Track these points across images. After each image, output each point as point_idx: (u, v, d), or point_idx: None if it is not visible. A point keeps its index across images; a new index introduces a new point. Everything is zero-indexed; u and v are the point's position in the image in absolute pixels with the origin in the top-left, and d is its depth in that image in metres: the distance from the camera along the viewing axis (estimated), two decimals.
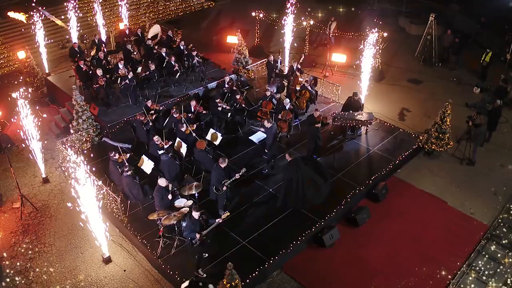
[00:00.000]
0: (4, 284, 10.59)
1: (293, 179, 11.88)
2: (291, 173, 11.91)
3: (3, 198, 13.32)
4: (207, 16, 28.73)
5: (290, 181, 11.96)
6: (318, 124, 13.94)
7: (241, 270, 10.28)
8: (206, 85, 18.03)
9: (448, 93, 18.87)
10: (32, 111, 13.61)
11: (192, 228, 10.12)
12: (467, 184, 14.04)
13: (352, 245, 11.89)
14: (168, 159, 12.54)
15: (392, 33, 24.69)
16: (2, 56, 21.64)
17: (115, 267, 11.23)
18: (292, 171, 11.89)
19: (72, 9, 19.74)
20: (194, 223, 10.14)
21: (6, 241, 11.88)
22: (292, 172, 11.89)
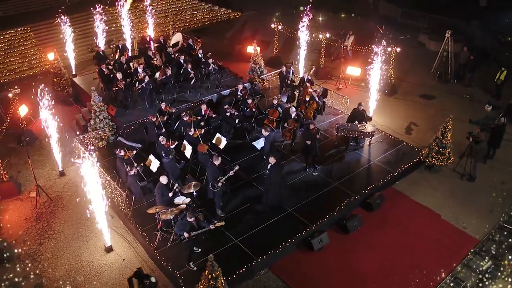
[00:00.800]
0: (14, 264, 11.63)
1: (279, 181, 12.55)
2: (278, 176, 12.58)
3: (22, 187, 14.52)
4: (232, 26, 29.80)
5: (278, 183, 12.62)
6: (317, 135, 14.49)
7: (230, 266, 11.16)
8: (220, 92, 18.92)
9: (459, 109, 19.08)
10: (55, 109, 14.80)
11: (182, 227, 10.90)
12: (464, 199, 14.27)
13: (341, 251, 12.37)
14: (169, 161, 13.41)
15: (410, 49, 25.18)
16: (35, 57, 23.29)
17: (115, 256, 12.13)
18: (279, 173, 12.57)
19: (100, 15, 21.08)
20: (186, 224, 10.91)
21: (20, 226, 13.02)
22: (279, 174, 12.57)
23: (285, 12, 30.33)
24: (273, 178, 12.61)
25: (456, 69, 21.82)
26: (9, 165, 15.55)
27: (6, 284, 11.04)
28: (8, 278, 11.21)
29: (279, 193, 12.89)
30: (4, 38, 23.88)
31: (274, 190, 12.77)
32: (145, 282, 9.96)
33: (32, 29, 24.81)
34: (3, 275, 11.32)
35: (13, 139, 16.42)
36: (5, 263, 11.63)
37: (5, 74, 22.13)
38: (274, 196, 12.83)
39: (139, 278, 10.02)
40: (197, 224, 11.11)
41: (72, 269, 11.64)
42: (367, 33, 25.86)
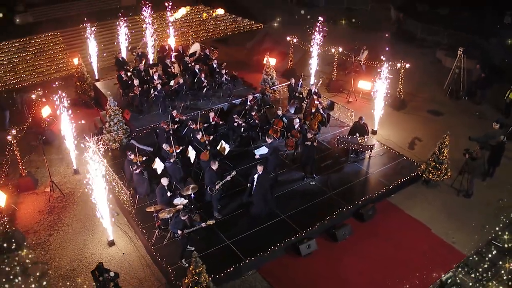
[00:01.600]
0: (25, 251, 12.85)
1: (265, 190, 13.37)
2: (264, 184, 13.38)
3: (39, 182, 15.82)
4: (253, 37, 30.83)
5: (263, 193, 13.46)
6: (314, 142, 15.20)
7: (219, 265, 12.01)
8: (232, 101, 19.86)
9: (467, 126, 19.38)
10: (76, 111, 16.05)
11: (176, 225, 11.83)
12: (457, 215, 14.64)
13: (329, 258, 12.99)
14: (171, 165, 14.39)
15: (427, 64, 25.57)
16: (62, 61, 24.96)
17: (116, 249, 13.17)
18: (265, 182, 13.36)
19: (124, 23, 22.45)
20: (179, 222, 11.85)
21: (34, 218, 14.28)
22: (265, 183, 13.37)
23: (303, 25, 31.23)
24: (258, 187, 13.38)
25: (468, 86, 22.07)
26: (29, 161, 16.92)
27: (17, 269, 12.22)
28: (19, 263, 12.40)
29: (262, 204, 13.61)
30: (35, 42, 25.67)
31: (258, 199, 13.55)
32: (105, 276, 10.85)
33: (61, 34, 26.51)
34: (14, 261, 12.52)
35: (35, 138, 17.79)
36: (17, 250, 12.82)
37: (34, 76, 23.85)
38: (258, 205, 13.61)
39: (99, 271, 10.93)
40: (189, 223, 12.02)
41: (75, 260, 12.74)
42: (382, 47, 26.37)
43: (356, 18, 33.03)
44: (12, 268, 12.25)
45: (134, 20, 27.61)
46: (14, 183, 15.49)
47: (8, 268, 12.28)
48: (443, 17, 31.03)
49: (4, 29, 26.74)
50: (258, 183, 13.35)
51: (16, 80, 23.31)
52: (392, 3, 34.24)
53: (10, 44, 25.02)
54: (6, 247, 12.77)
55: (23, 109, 19.10)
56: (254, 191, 13.57)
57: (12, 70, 23.84)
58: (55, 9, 29.46)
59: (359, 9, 34.84)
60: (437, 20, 30.04)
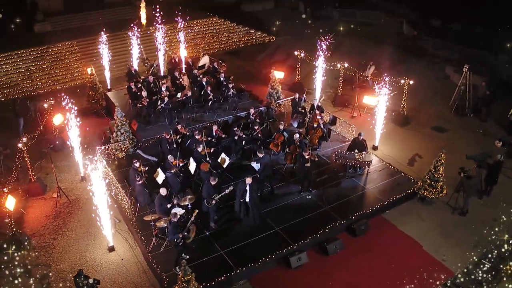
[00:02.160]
0: (29, 253, 13.74)
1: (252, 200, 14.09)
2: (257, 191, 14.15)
3: (47, 188, 16.77)
4: (265, 49, 31.58)
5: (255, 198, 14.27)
6: (307, 163, 15.74)
7: (212, 273, 12.66)
8: (237, 114, 20.59)
9: (469, 144, 19.72)
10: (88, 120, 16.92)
11: (174, 230, 12.58)
12: (450, 233, 15.02)
13: (319, 271, 13.49)
14: (171, 176, 15.14)
15: (435, 81, 25.96)
16: (77, 70, 26.10)
17: (116, 255, 13.95)
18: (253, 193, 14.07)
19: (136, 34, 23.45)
20: (175, 227, 12.59)
21: (40, 221, 15.19)
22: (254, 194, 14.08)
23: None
24: (251, 198, 14.11)
25: (474, 103, 22.38)
26: (39, 167, 17.90)
27: (20, 269, 13.11)
28: (22, 264, 13.29)
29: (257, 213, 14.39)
30: (52, 50, 26.92)
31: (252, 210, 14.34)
32: (84, 282, 11.56)
33: (78, 44, 27.70)
34: (20, 261, 13.42)
35: (47, 145, 18.79)
36: (22, 251, 13.72)
37: (49, 84, 25.03)
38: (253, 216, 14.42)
39: (79, 278, 11.64)
40: (182, 224, 12.79)
41: (77, 263, 13.55)
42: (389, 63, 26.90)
43: (368, 32, 33.58)
44: (16, 269, 13.11)
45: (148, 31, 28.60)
46: (24, 188, 16.44)
47: (13, 268, 13.15)
48: (456, 32, 31.43)
49: (23, 38, 28.05)
50: (250, 194, 14.09)
51: (32, 88, 24.52)
52: (405, 17, 34.78)
53: (28, 52, 26.29)
54: (12, 249, 13.67)
55: (36, 116, 20.18)
56: (249, 203, 14.26)
57: (28, 77, 25.08)
58: (72, 19, 30.79)
59: (372, 23, 35.32)
60: (449, 35, 30.43)
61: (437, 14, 33.82)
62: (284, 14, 38.29)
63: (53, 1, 31.51)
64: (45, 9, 30.84)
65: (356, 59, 27.06)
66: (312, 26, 35.18)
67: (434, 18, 34.03)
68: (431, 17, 34.14)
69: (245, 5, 39.56)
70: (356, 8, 36.55)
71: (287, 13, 38.50)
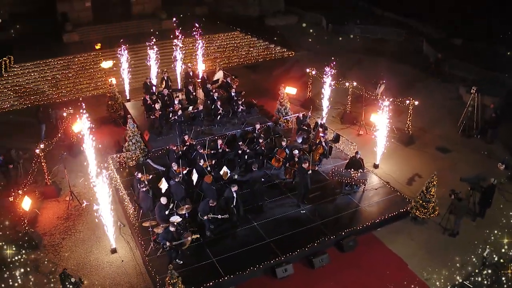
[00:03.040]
0: (40, 251, 15.33)
1: None
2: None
3: (62, 191, 18.40)
4: (283, 64, 32.69)
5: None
6: (309, 172, 16.87)
7: (201, 279, 13.86)
8: (245, 128, 21.82)
9: (472, 165, 20.29)
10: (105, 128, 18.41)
11: (165, 236, 13.89)
12: (438, 253, 15.72)
13: (304, 283, 14.50)
14: (174, 184, 16.48)
15: (447, 101, 26.52)
16: (100, 80, 27.94)
17: (117, 256, 15.36)
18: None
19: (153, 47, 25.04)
20: (168, 233, 13.89)
21: (52, 222, 16.81)
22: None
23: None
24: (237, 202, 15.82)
25: (482, 124, 22.86)
26: (56, 172, 19.58)
27: (30, 266, 14.70)
28: (32, 261, 14.87)
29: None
30: (78, 60, 28.89)
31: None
32: (69, 280, 12.89)
33: (102, 54, 29.59)
34: (29, 258, 15.01)
35: (64, 151, 20.48)
36: (33, 249, 15.31)
37: (74, 92, 26.97)
38: None
39: (63, 277, 12.96)
40: (177, 236, 14.03)
41: (81, 262, 15.04)
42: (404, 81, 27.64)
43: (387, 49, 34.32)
44: (26, 265, 14.71)
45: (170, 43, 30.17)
46: (40, 191, 18.11)
47: (23, 264, 14.76)
48: (476, 52, 31.75)
49: (52, 47, 30.21)
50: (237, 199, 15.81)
51: (57, 95, 26.51)
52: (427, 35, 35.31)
53: (55, 61, 28.33)
54: (24, 246, 15.29)
55: (57, 123, 21.97)
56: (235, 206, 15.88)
57: (54, 85, 27.09)
58: (99, 30, 32.74)
59: (392, 40, 36.02)
60: (468, 55, 30.83)
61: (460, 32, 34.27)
62: (306, 29, 39.43)
63: (82, 13, 33.57)
64: (75, 20, 32.91)
65: (371, 76, 27.93)
66: (332, 42, 36.17)
67: (456, 36, 34.45)
68: (454, 35, 34.58)
69: (268, 19, 40.84)
70: (377, 25, 37.29)
71: (309, 28, 39.60)
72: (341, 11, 41.62)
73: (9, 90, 26.13)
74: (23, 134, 22.22)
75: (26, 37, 31.74)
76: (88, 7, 33.84)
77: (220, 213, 15.50)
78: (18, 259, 14.98)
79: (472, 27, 34.30)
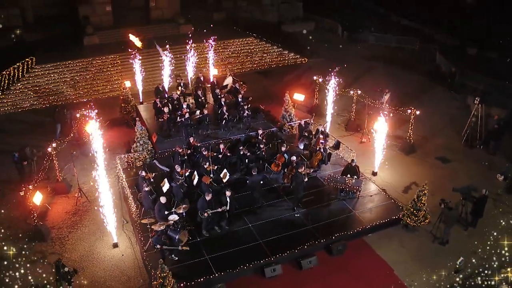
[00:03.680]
0: (47, 243, 16.63)
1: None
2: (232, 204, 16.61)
3: (72, 188, 19.71)
4: (295, 71, 33.47)
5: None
6: (305, 179, 17.73)
7: (193, 274, 14.86)
8: (249, 133, 22.77)
9: (471, 176, 20.76)
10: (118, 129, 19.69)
11: (157, 240, 15.05)
12: (425, 260, 16.31)
13: (291, 283, 15.34)
14: (176, 186, 17.55)
15: (454, 110, 26.93)
16: (117, 82, 29.33)
17: (118, 251, 16.52)
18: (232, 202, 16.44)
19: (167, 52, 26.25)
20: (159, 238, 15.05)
21: (60, 216, 18.13)
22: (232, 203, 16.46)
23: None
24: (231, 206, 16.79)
25: (486, 135, 23.22)
26: (69, 169, 20.91)
27: (37, 256, 15.99)
28: (39, 252, 16.16)
29: None
30: (96, 62, 30.38)
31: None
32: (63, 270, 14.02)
33: (120, 57, 30.99)
34: (37, 249, 16.31)
35: (76, 149, 21.82)
36: (41, 241, 16.61)
37: (90, 93, 28.44)
38: None
39: (57, 266, 14.07)
40: (169, 242, 15.10)
41: (84, 255, 16.27)
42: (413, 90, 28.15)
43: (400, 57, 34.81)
44: (34, 255, 16.02)
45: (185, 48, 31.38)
46: (52, 187, 19.45)
47: (31, 254, 16.08)
48: (489, 61, 31.97)
49: (73, 49, 31.82)
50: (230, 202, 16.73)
51: (74, 96, 28.04)
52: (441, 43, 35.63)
53: (75, 64, 29.90)
54: (34, 238, 16.61)
55: (72, 123, 23.37)
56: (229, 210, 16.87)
57: (72, 86, 28.64)
58: (118, 33, 34.19)
59: (406, 48, 36.46)
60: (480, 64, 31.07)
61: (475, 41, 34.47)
62: (322, 36, 40.20)
63: (104, 17, 35.14)
64: (96, 23, 34.52)
65: (381, 84, 28.44)
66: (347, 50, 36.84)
67: (470, 46, 34.65)
68: (468, 44, 34.78)
69: (286, 25, 41.76)
70: (391, 33, 37.77)
71: (325, 35, 40.36)
72: (359, 18, 42.26)
73: (30, 90, 27.80)
74: (39, 132, 23.71)
75: (49, 39, 33.52)
76: (109, 11, 35.39)
77: (218, 207, 16.52)
78: (26, 249, 16.30)
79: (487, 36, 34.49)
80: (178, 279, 14.37)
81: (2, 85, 27.50)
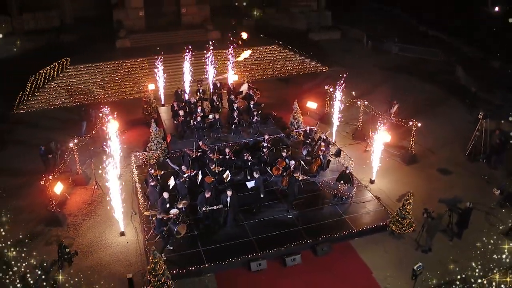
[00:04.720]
0: (63, 227, 19.02)
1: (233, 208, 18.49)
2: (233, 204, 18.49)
3: (90, 180, 22.08)
4: (314, 79, 34.87)
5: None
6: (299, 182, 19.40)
7: (185, 263, 16.76)
8: (257, 138, 24.52)
9: (468, 189, 21.64)
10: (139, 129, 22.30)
11: (159, 225, 17.00)
12: (406, 266, 17.21)
13: (275, 277, 16.91)
14: (180, 183, 19.54)
15: (464, 123, 27.67)
16: (143, 84, 31.56)
17: (124, 239, 18.66)
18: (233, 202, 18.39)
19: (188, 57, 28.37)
20: (160, 222, 16.99)
21: (77, 205, 20.51)
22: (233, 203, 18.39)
23: None
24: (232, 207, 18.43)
25: (490, 149, 23.98)
26: (90, 163, 23.31)
27: (53, 240, 18.36)
28: (55, 235, 18.54)
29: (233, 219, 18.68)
30: (125, 65, 32.95)
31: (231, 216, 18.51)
32: (64, 251, 16.23)
33: (148, 61, 33.42)
34: (55, 233, 18.70)
35: (99, 146, 24.22)
36: (58, 226, 19.01)
37: (118, 94, 30.98)
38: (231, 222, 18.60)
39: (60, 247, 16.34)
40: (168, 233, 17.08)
41: (94, 240, 18.51)
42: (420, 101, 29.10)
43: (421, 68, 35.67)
44: (50, 238, 18.42)
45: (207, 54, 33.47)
46: (73, 178, 21.89)
47: (47, 237, 18.49)
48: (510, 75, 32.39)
49: (105, 52, 34.56)
50: (231, 202, 18.29)
51: (103, 96, 30.67)
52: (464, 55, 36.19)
53: (105, 65, 32.58)
54: (51, 223, 19.02)
55: (96, 122, 25.85)
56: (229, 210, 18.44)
57: (101, 87, 31.30)
58: (149, 37, 36.76)
59: (429, 59, 37.21)
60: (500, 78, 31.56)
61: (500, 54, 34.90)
62: (348, 45, 41.45)
63: (136, 21, 37.84)
64: (129, 27, 37.22)
65: (396, 94, 29.59)
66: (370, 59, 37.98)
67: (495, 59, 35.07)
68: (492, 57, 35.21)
69: (313, 34, 43.24)
70: (415, 44, 38.57)
71: (351, 44, 41.57)
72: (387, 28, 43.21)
73: (62, 89, 30.67)
74: (68, 129, 26.27)
75: (84, 40, 36.51)
76: (142, 16, 38.05)
77: (215, 204, 18.29)
78: (45, 233, 18.72)
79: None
80: (172, 265, 16.35)
81: (38, 83, 30.49)
